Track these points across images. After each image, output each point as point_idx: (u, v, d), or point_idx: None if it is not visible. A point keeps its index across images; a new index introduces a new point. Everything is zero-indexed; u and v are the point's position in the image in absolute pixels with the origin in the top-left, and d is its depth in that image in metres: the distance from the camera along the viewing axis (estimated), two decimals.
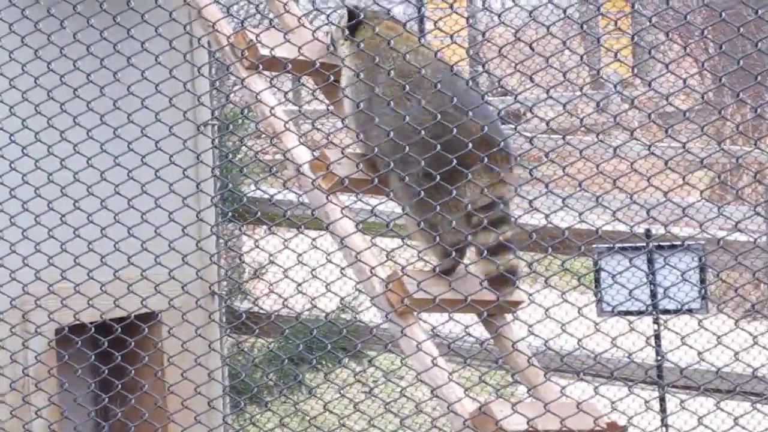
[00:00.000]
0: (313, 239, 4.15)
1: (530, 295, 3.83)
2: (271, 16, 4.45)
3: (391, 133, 3.79)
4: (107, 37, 4.10)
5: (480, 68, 10.91)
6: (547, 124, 4.03)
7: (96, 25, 4.12)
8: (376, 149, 3.85)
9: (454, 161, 3.71)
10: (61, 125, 4.22)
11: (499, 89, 11.95)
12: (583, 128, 9.03)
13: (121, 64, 4.11)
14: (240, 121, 7.03)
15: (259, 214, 4.39)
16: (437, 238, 3.82)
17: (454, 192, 3.78)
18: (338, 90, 4.14)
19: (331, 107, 4.28)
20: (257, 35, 4.05)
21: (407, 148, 3.76)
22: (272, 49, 4.01)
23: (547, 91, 3.74)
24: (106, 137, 4.15)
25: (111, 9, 4.11)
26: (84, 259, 4.24)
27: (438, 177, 3.73)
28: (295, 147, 3.99)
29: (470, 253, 3.97)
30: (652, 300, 7.44)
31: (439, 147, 3.70)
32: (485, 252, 3.81)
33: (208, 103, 5.20)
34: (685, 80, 3.32)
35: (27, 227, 4.27)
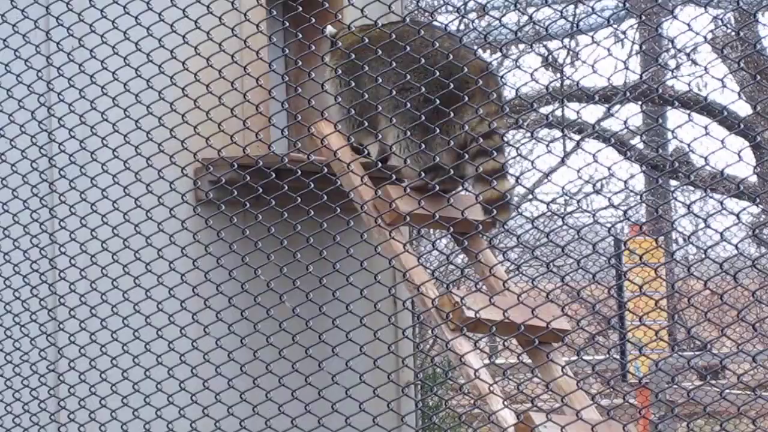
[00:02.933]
0: None
1: None
2: (476, 278, 4.32)
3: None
4: (314, 298, 4.03)
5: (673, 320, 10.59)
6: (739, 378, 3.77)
7: (303, 287, 4.06)
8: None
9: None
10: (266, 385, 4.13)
11: (696, 343, 11.54)
12: None
13: (325, 325, 4.01)
14: (442, 380, 6.86)
15: None
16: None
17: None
18: (542, 353, 3.99)
19: (537, 370, 4.09)
20: (462, 297, 3.93)
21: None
22: (477, 311, 3.87)
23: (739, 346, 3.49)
24: (310, 398, 4.03)
25: (317, 270, 4.05)
26: None
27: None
28: (500, 410, 3.80)
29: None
30: None
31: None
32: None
33: (412, 364, 5.06)
34: None
35: None
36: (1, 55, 4.62)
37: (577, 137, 10.37)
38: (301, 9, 4.02)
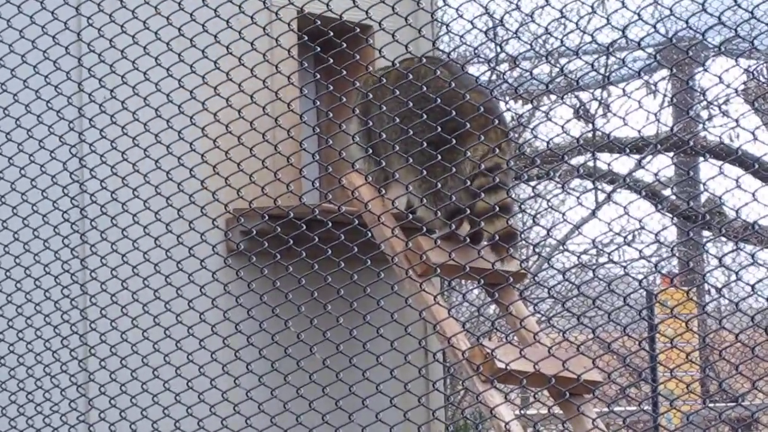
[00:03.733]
0: None
1: None
2: (507, 330, 4.29)
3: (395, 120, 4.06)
4: (344, 350, 4.00)
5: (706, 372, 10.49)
6: None
7: (333, 339, 4.04)
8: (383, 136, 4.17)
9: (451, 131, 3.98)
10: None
11: (728, 395, 11.42)
12: None
13: (355, 377, 3.98)
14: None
15: None
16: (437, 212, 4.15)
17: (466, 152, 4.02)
18: (573, 405, 3.95)
19: (568, 422, 4.04)
20: (493, 349, 3.89)
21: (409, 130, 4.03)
22: (508, 363, 3.83)
23: None
24: None
25: (347, 322, 4.03)
26: None
27: (438, 152, 4.03)
28: None
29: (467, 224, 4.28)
30: None
31: (438, 124, 3.96)
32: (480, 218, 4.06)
33: (442, 416, 5.00)
34: None
35: None
36: (34, 106, 4.64)
37: (608, 188, 10.34)
38: (332, 61, 4.02)
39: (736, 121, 3.87)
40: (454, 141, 4.01)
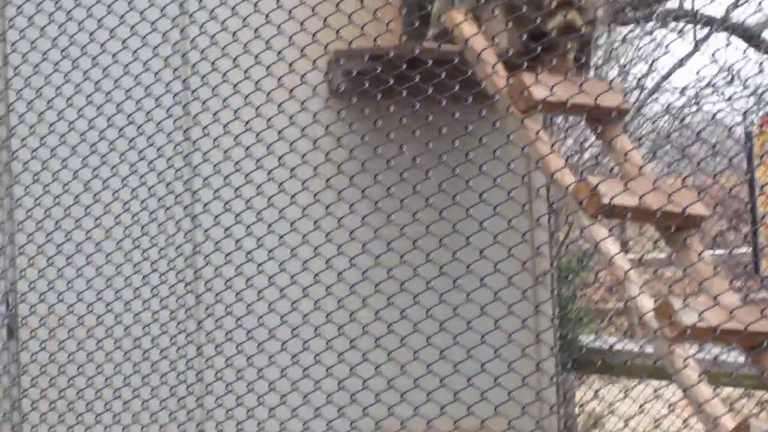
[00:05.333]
0: (656, 389, 3.85)
1: None
2: (611, 163, 4.23)
3: None
4: (446, 188, 4.00)
5: None
6: None
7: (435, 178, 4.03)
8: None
9: None
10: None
11: None
12: None
13: (458, 215, 3.99)
14: (578, 271, 6.77)
15: (599, 363, 4.13)
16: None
17: None
18: (681, 236, 3.89)
19: (674, 256, 3.99)
20: (598, 183, 3.83)
21: None
22: (613, 197, 3.77)
23: None
24: (445, 287, 4.01)
25: (449, 160, 4.02)
26: None
27: None
28: (638, 295, 3.71)
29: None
30: None
31: None
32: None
33: (546, 252, 4.98)
34: None
35: None
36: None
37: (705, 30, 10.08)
38: None
39: None
40: None
